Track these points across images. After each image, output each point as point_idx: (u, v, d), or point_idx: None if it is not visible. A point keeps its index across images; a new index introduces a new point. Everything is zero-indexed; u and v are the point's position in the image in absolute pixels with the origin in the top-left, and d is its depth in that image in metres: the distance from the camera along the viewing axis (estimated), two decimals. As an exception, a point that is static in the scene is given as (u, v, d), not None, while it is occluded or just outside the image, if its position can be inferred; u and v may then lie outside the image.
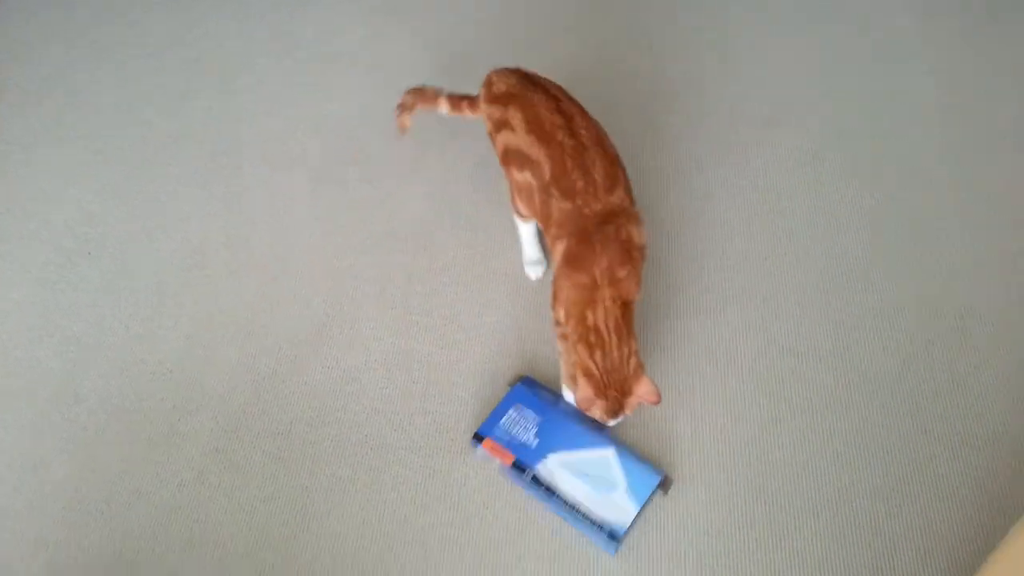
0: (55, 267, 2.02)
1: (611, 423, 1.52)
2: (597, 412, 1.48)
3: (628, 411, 1.49)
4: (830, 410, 1.66)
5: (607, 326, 1.47)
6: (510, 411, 1.64)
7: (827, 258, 1.88)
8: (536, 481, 1.56)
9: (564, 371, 1.62)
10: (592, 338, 1.47)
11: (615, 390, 1.46)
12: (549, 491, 1.55)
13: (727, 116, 2.15)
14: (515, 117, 1.63)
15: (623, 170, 1.59)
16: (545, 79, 1.68)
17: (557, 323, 1.57)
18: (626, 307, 1.49)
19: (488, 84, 1.73)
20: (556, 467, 1.57)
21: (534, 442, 1.60)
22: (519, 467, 1.58)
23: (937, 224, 1.92)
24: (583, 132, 1.57)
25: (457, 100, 1.84)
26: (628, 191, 1.57)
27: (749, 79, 2.24)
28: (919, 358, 1.72)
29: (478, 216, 2.01)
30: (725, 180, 2.03)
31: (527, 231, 1.81)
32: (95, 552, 1.60)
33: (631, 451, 1.58)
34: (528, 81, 1.67)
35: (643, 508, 1.52)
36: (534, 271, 1.87)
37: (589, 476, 1.55)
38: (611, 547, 1.49)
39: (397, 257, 1.96)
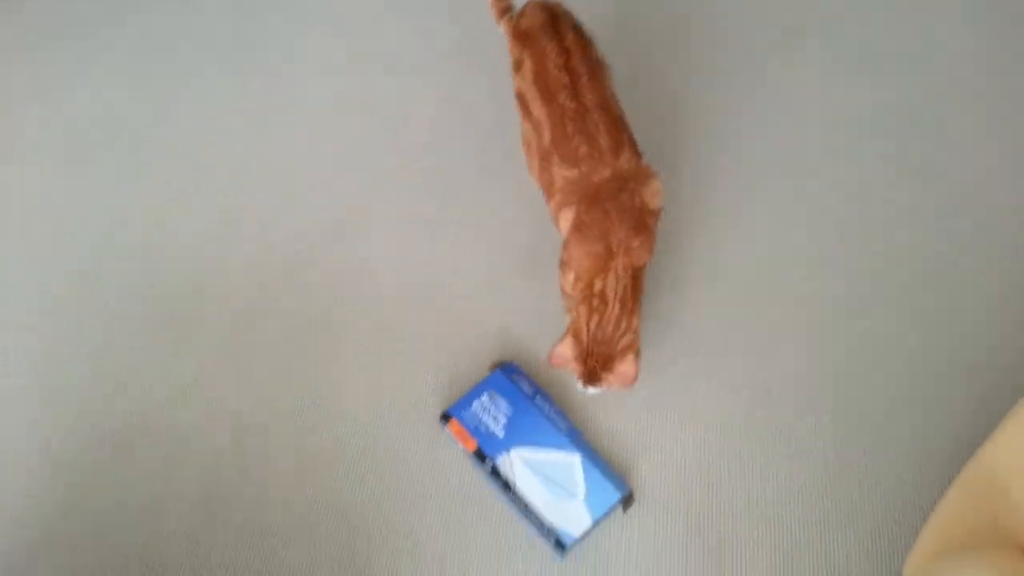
0: (73, 156, 2.05)
1: (587, 391, 1.48)
2: (574, 373, 1.47)
3: (605, 385, 1.46)
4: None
5: (615, 293, 1.44)
6: (483, 396, 1.59)
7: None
8: (495, 472, 1.51)
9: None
10: (595, 302, 1.44)
11: (597, 361, 1.44)
12: (506, 485, 1.50)
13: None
14: (527, 63, 1.58)
15: (627, 127, 1.53)
16: (572, 26, 1.59)
17: (564, 292, 1.56)
18: (637, 275, 1.47)
19: (520, 15, 1.65)
20: (518, 462, 1.51)
21: (501, 432, 1.55)
22: (480, 455, 1.53)
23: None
24: (587, 95, 1.50)
25: (503, 8, 1.74)
26: (635, 149, 1.52)
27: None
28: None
29: (495, 124, 2.01)
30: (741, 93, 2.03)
31: None
32: (123, 419, 1.66)
33: (599, 461, 1.51)
34: (552, 25, 1.58)
35: (598, 522, 1.46)
36: None
37: (549, 479, 1.49)
38: (557, 554, 1.44)
39: (413, 159, 1.98)
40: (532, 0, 1.64)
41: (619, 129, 1.51)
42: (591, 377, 1.44)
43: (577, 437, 1.54)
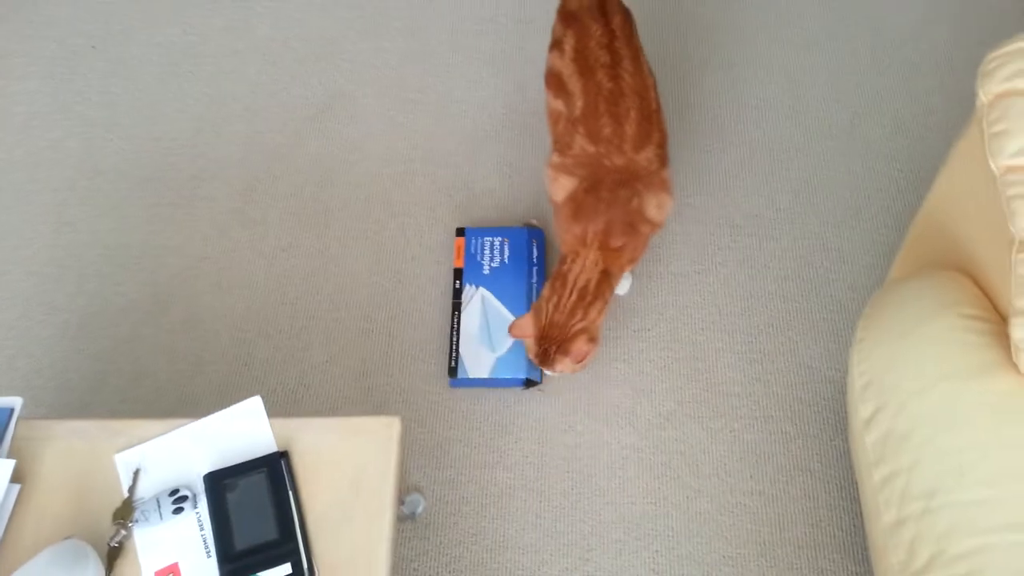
0: (62, 60, 2.11)
1: (545, 370, 1.49)
2: (528, 350, 1.49)
3: (559, 369, 1.46)
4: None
5: (575, 282, 1.44)
6: (498, 238, 1.72)
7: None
8: (457, 293, 1.67)
9: None
10: (558, 283, 1.45)
11: (551, 343, 1.43)
12: (456, 305, 1.65)
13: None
14: (568, 41, 1.51)
15: (661, 128, 1.49)
16: (620, 11, 1.54)
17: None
18: (605, 276, 1.44)
19: None
20: (477, 299, 1.65)
21: (487, 270, 1.68)
22: (458, 273, 1.69)
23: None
24: (627, 78, 1.45)
25: None
26: (661, 151, 1.47)
27: None
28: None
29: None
30: None
31: None
32: (131, 296, 1.76)
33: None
34: (599, 8, 1.52)
35: (494, 382, 1.58)
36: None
37: (488, 325, 1.62)
38: (449, 377, 1.59)
39: (390, 41, 2.09)
40: None
41: (650, 123, 1.46)
42: (544, 358, 1.44)
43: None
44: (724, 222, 1.78)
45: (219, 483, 0.99)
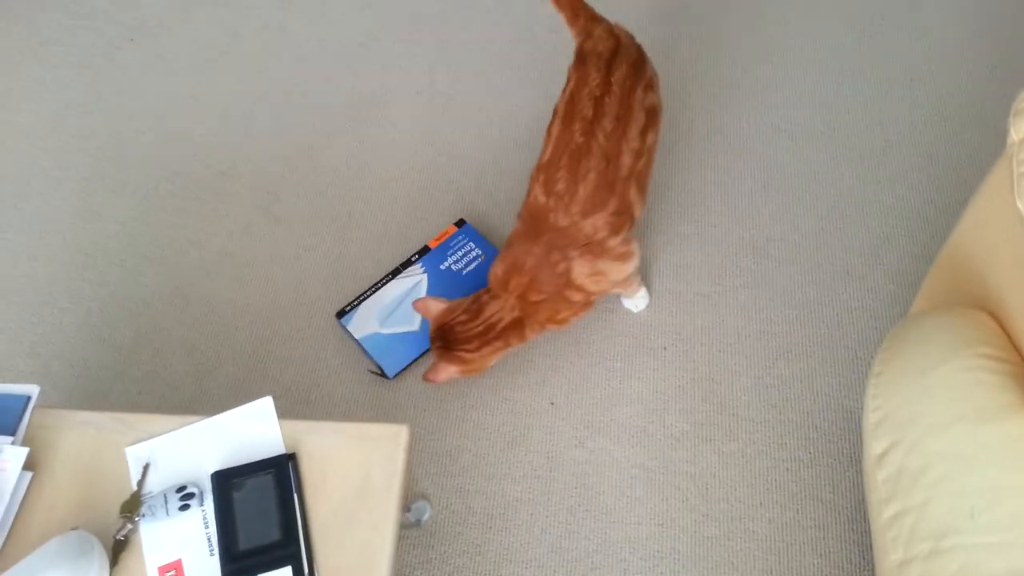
0: (100, 51, 2.15)
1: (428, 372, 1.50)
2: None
3: (432, 373, 1.48)
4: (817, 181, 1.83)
5: (488, 316, 1.43)
6: (479, 250, 1.77)
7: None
8: (406, 263, 1.75)
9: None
10: (473, 308, 1.44)
11: (441, 342, 1.46)
12: (396, 272, 1.74)
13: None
14: (570, 83, 1.45)
15: (624, 197, 1.40)
16: (632, 62, 1.44)
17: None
18: (517, 323, 1.44)
19: (587, 34, 1.49)
20: (415, 280, 1.73)
21: (446, 266, 1.75)
22: (424, 251, 1.77)
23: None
24: (600, 137, 1.37)
25: (575, 9, 1.52)
26: (617, 220, 1.40)
27: None
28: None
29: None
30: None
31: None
32: (153, 288, 1.78)
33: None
34: (610, 57, 1.43)
35: (358, 344, 1.66)
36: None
37: (401, 305, 1.70)
38: (336, 317, 1.69)
39: (422, 46, 2.09)
40: (607, 25, 1.50)
41: (610, 190, 1.38)
42: (431, 346, 1.50)
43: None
44: (747, 244, 1.77)
45: (226, 482, 1.00)
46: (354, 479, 1.02)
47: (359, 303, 1.70)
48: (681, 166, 1.88)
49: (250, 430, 1.06)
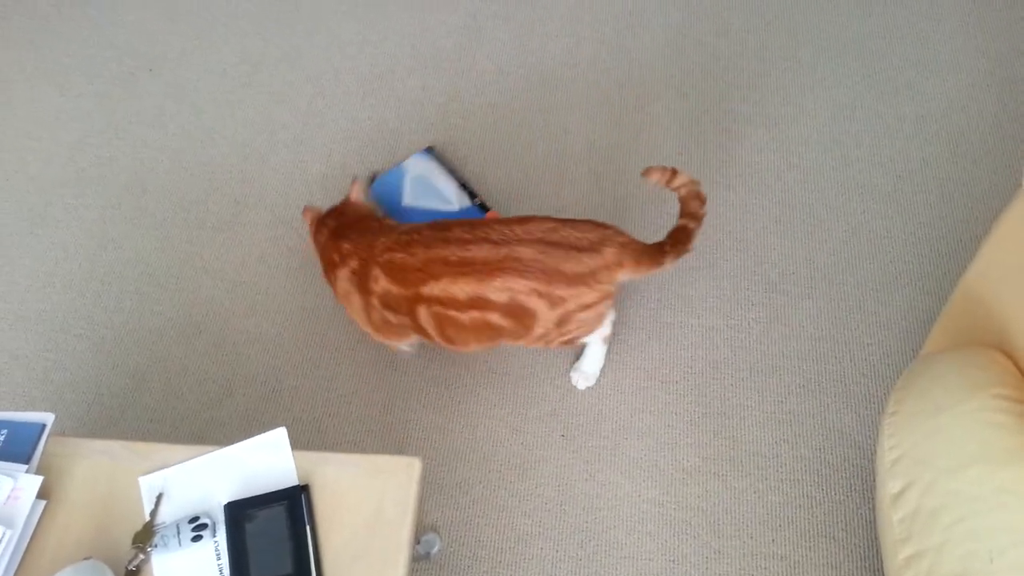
0: (120, 81, 2.18)
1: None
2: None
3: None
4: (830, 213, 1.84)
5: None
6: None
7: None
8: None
9: None
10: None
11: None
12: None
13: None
14: None
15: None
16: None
17: None
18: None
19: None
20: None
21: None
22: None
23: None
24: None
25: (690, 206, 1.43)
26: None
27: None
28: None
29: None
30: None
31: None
32: (167, 316, 1.79)
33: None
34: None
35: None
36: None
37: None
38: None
39: (437, 79, 2.12)
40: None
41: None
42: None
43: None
44: (760, 279, 1.77)
45: (239, 513, 1.00)
46: (366, 511, 1.02)
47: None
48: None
49: (263, 461, 1.06)
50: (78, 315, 1.79)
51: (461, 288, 1.32)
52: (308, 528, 1.00)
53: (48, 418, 1.08)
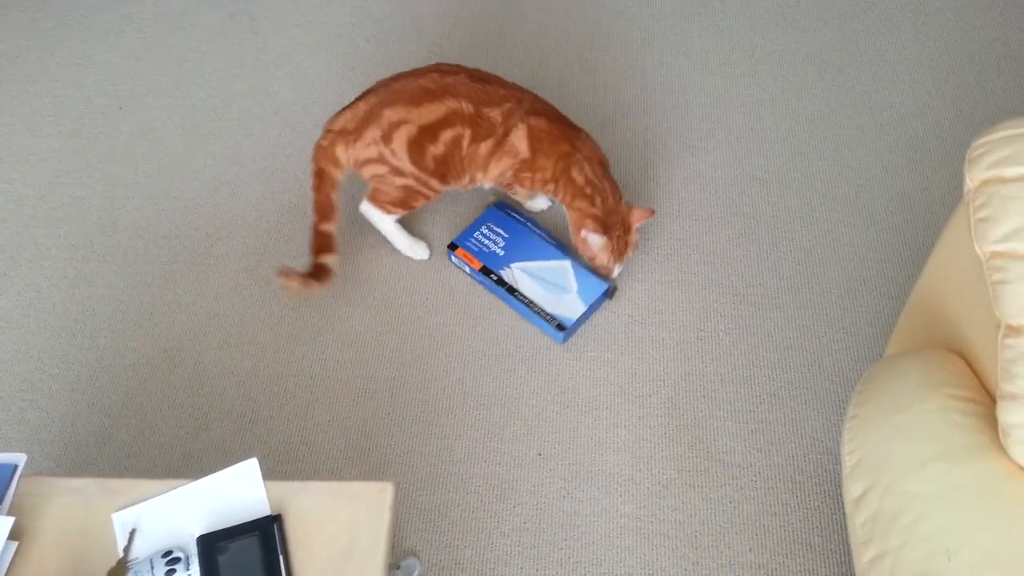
0: (89, 119, 2.19)
1: (615, 265, 1.74)
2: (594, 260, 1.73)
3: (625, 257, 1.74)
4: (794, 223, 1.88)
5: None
6: (483, 227, 1.89)
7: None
8: (501, 282, 1.80)
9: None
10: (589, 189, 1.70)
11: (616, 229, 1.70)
12: (511, 290, 1.79)
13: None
14: None
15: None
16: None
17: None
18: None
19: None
20: (518, 272, 1.81)
21: (501, 252, 1.85)
22: (486, 271, 1.82)
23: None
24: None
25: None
26: None
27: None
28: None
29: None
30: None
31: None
32: (142, 352, 1.80)
33: (584, 265, 1.80)
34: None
35: (591, 308, 1.75)
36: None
37: (546, 281, 1.79)
38: (558, 336, 1.73)
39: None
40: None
41: None
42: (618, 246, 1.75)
43: (566, 250, 1.83)
44: (727, 291, 1.80)
45: (212, 546, 1.01)
46: (340, 539, 1.03)
47: (551, 317, 1.75)
48: (660, 215, 1.92)
49: (236, 492, 1.07)
50: (53, 354, 1.79)
51: None
52: (281, 558, 1.01)
53: (20, 459, 1.09)
